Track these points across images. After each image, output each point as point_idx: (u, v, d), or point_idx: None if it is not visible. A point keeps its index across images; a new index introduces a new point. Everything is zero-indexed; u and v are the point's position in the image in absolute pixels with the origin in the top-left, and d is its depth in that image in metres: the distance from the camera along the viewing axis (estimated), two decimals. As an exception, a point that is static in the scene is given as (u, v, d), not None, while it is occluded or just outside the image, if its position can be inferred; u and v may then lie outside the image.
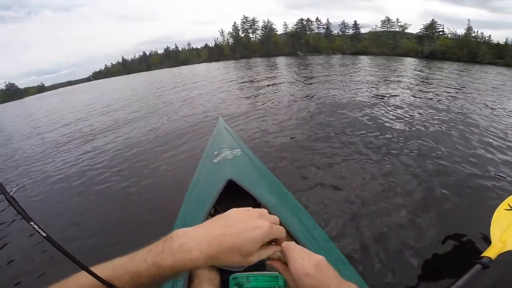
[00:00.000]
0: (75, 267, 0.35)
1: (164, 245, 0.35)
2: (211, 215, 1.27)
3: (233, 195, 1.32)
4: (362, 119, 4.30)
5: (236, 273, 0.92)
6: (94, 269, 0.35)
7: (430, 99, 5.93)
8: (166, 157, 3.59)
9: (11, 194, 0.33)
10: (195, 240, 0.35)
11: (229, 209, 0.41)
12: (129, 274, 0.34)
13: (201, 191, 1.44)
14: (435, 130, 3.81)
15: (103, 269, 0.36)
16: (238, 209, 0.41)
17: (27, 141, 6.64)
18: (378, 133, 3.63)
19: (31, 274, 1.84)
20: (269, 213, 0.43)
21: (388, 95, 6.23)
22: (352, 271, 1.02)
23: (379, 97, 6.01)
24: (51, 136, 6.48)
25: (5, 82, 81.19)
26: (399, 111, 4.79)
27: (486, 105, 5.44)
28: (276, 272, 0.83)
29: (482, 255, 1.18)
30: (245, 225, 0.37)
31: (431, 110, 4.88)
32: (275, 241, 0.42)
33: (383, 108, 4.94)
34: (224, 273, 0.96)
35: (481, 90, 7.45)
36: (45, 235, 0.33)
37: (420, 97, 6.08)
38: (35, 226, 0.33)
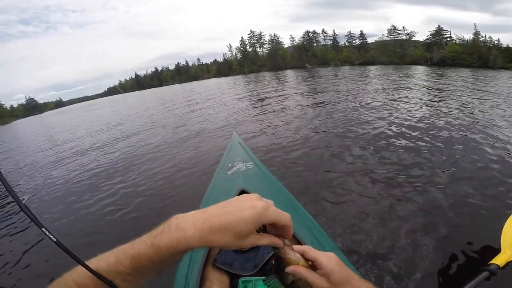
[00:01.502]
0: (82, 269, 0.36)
1: (163, 227, 0.36)
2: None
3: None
4: (375, 133, 4.29)
5: (245, 277, 0.99)
6: (99, 257, 0.37)
7: (444, 107, 5.86)
8: (182, 168, 3.77)
9: (23, 202, 0.35)
10: (191, 219, 0.36)
11: None
12: (130, 257, 0.35)
13: (215, 201, 1.54)
14: (449, 138, 3.78)
15: (107, 256, 0.37)
16: (241, 195, 0.41)
17: (42, 154, 6.99)
18: (390, 146, 3.63)
19: (40, 273, 2.05)
20: None
21: (403, 107, 6.16)
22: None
23: (393, 109, 5.95)
24: (66, 149, 6.83)
25: (25, 96, 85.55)
26: (413, 123, 4.74)
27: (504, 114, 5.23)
28: None
29: (491, 262, 1.20)
30: (239, 205, 0.37)
31: (447, 119, 4.80)
32: (282, 233, 0.41)
33: (398, 121, 4.88)
34: (234, 277, 1.02)
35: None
36: (56, 240, 0.35)
37: (435, 107, 5.98)
38: (46, 232, 0.34)
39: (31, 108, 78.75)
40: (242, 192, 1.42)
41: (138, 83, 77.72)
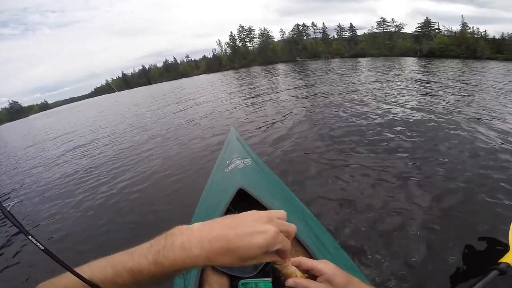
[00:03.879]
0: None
1: (166, 241, 0.34)
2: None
3: (244, 204, 1.34)
4: (369, 127, 4.19)
5: (245, 279, 0.93)
6: (92, 265, 0.36)
7: (440, 99, 5.79)
8: (179, 167, 3.65)
9: (8, 209, 0.33)
10: (197, 237, 0.34)
11: None
12: (130, 272, 0.34)
13: (213, 199, 1.50)
14: (452, 134, 3.62)
15: (103, 267, 0.35)
16: (251, 211, 0.38)
17: (27, 158, 6.73)
18: (388, 141, 3.49)
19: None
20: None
21: (396, 99, 6.08)
22: (363, 279, 1.01)
23: (386, 102, 5.86)
24: (51, 153, 6.59)
25: (8, 100, 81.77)
26: (409, 116, 4.61)
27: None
28: None
29: (500, 261, 1.15)
30: (250, 229, 0.34)
31: (446, 115, 4.60)
32: (280, 255, 0.39)
33: (393, 115, 4.74)
34: (234, 279, 0.97)
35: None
36: (43, 248, 0.33)
37: (431, 99, 5.89)
38: (33, 240, 0.33)
39: (15, 112, 76.10)
40: (240, 190, 1.34)
41: (125, 82, 75.75)
